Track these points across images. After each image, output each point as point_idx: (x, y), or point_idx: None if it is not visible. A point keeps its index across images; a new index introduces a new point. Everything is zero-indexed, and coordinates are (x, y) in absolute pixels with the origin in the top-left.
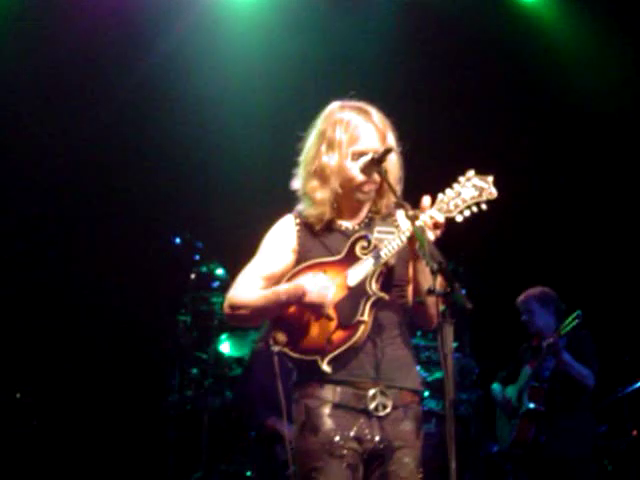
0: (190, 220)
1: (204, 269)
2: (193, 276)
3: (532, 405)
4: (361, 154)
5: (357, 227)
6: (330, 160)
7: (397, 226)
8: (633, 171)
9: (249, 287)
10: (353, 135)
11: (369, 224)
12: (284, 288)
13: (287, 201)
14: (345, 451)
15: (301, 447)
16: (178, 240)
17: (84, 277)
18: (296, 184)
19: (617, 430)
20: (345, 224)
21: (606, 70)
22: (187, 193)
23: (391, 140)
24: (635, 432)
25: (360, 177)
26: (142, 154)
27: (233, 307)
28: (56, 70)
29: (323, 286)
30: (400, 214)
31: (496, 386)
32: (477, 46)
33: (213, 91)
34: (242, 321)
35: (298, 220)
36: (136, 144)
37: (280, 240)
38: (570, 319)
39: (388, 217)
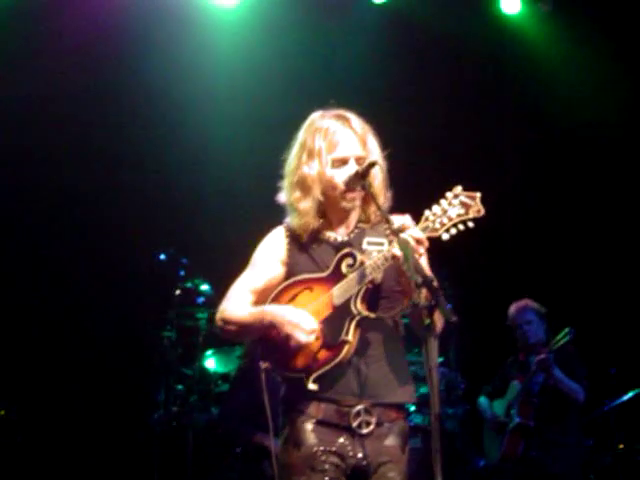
0: (175, 236)
1: (189, 285)
2: (178, 292)
3: (521, 420)
4: (341, 161)
5: (346, 238)
6: (310, 169)
7: (388, 234)
8: (617, 183)
9: (240, 302)
10: (332, 142)
11: (359, 234)
12: (270, 312)
13: (272, 216)
14: (327, 465)
15: (284, 461)
16: (163, 256)
17: (69, 293)
18: (282, 197)
19: (603, 444)
20: (334, 235)
21: (590, 81)
22: (172, 209)
23: (372, 145)
24: (621, 446)
25: (342, 184)
26: (127, 170)
27: (224, 321)
28: (39, 82)
29: (303, 321)
30: (395, 218)
31: (483, 400)
32: (461, 57)
33: (197, 106)
34: (232, 336)
35: (287, 232)
36: (121, 160)
37: (270, 253)
38: (562, 335)
39: (379, 225)
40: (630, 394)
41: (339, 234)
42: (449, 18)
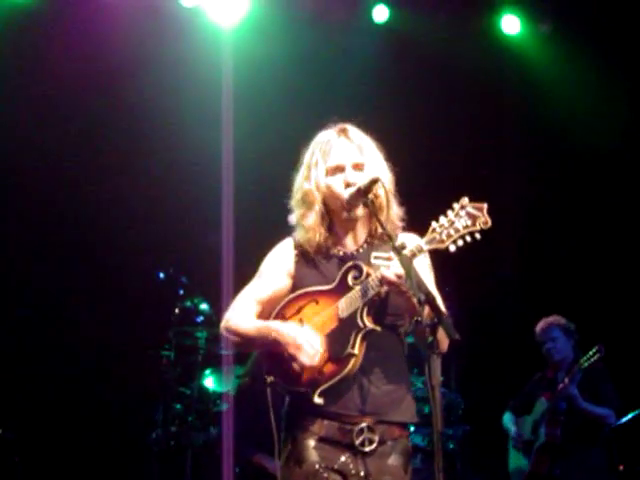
0: (174, 255)
1: (188, 304)
2: (177, 311)
3: (548, 438)
4: (336, 168)
5: (355, 253)
6: (310, 183)
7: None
8: (616, 200)
9: (245, 312)
10: (326, 151)
11: (368, 248)
12: (276, 329)
13: (273, 235)
14: None
15: (285, 477)
16: (162, 275)
17: (68, 312)
18: (291, 218)
19: None
20: (342, 249)
21: (589, 101)
22: (172, 228)
23: (372, 154)
24: (622, 467)
25: (340, 191)
26: (126, 188)
27: (227, 330)
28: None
29: (307, 343)
30: (402, 235)
31: (508, 416)
32: (461, 76)
33: (199, 124)
34: (234, 346)
35: (296, 244)
36: (121, 178)
37: (277, 264)
38: (591, 353)
39: (385, 242)
40: (631, 415)
41: (347, 248)
42: (450, 38)
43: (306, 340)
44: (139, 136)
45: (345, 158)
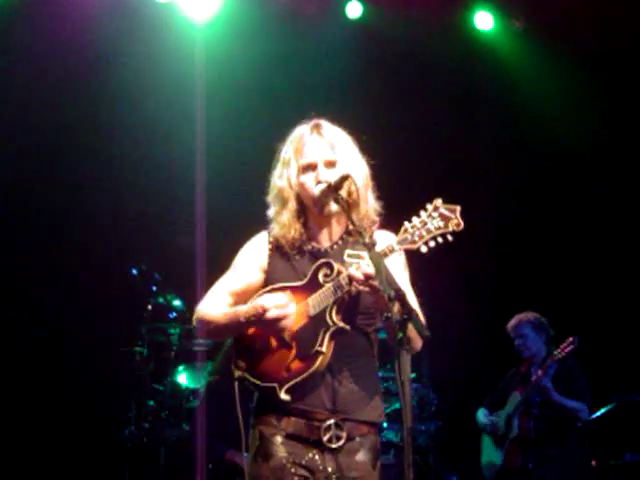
0: (147, 251)
1: (161, 300)
2: (150, 307)
3: (521, 431)
4: (308, 166)
5: (329, 250)
6: (282, 180)
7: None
8: (590, 196)
9: (216, 302)
10: (298, 149)
11: (342, 246)
12: (243, 309)
13: (246, 232)
14: (296, 477)
15: (253, 473)
16: (135, 271)
17: (39, 308)
18: (269, 212)
19: None
20: (317, 245)
21: (563, 97)
22: (145, 224)
23: (345, 150)
24: (594, 462)
25: (312, 189)
26: (98, 183)
27: (198, 321)
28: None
29: (282, 304)
30: (378, 239)
31: (482, 411)
32: (434, 72)
33: (170, 118)
34: (205, 335)
35: (271, 239)
36: (93, 173)
37: (251, 257)
38: (565, 344)
39: (359, 239)
40: (602, 411)
41: (322, 244)
42: (423, 33)
43: (273, 301)
44: (110, 133)
45: (317, 156)
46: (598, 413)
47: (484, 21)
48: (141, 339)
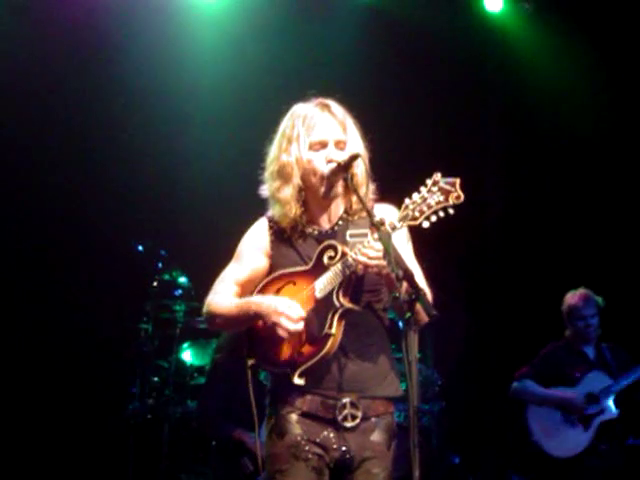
0: (153, 228)
1: (167, 277)
2: (155, 284)
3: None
4: (319, 144)
5: (330, 231)
6: (289, 156)
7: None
8: (598, 180)
9: (225, 294)
10: (309, 126)
11: (343, 226)
12: (256, 302)
13: (252, 209)
14: (310, 455)
15: (269, 450)
16: (141, 248)
17: (44, 284)
18: (264, 189)
19: None
20: (317, 228)
21: (572, 79)
22: (150, 200)
23: (353, 132)
24: None
25: (321, 167)
26: (105, 160)
27: (209, 314)
28: (25, 73)
29: (295, 318)
30: (378, 213)
31: (530, 383)
32: (443, 54)
33: (180, 98)
34: (217, 327)
35: (271, 224)
36: (100, 151)
37: (254, 244)
38: None
39: (360, 218)
40: None
41: (322, 226)
42: (432, 15)
43: (287, 306)
44: (117, 109)
45: (329, 134)
46: None
47: (494, 3)
48: (146, 316)
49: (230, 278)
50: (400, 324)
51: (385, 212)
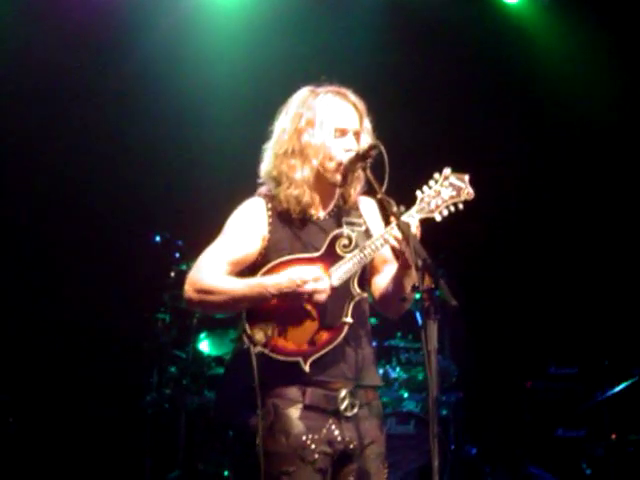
0: (170, 218)
1: (184, 267)
2: (173, 274)
3: None
4: (341, 132)
5: (327, 217)
6: (312, 138)
7: (360, 216)
8: (613, 173)
9: (216, 271)
10: (335, 112)
11: (337, 214)
12: (273, 280)
13: None
14: (317, 455)
15: (271, 448)
16: (158, 238)
17: (63, 276)
18: (264, 167)
19: (596, 434)
20: (316, 213)
21: (589, 71)
22: (167, 191)
23: (367, 124)
24: (614, 436)
25: (340, 155)
26: (122, 153)
27: (201, 291)
28: (39, 69)
29: (318, 276)
30: (364, 205)
31: None
32: (460, 44)
33: (197, 90)
34: (209, 307)
35: (270, 205)
36: (117, 143)
37: (249, 224)
38: None
39: (352, 208)
40: (623, 385)
41: (318, 212)
42: (449, 5)
43: (310, 274)
44: (130, 98)
45: (350, 123)
46: (619, 387)
47: None
48: (164, 306)
49: (222, 257)
50: (417, 315)
51: (369, 205)
